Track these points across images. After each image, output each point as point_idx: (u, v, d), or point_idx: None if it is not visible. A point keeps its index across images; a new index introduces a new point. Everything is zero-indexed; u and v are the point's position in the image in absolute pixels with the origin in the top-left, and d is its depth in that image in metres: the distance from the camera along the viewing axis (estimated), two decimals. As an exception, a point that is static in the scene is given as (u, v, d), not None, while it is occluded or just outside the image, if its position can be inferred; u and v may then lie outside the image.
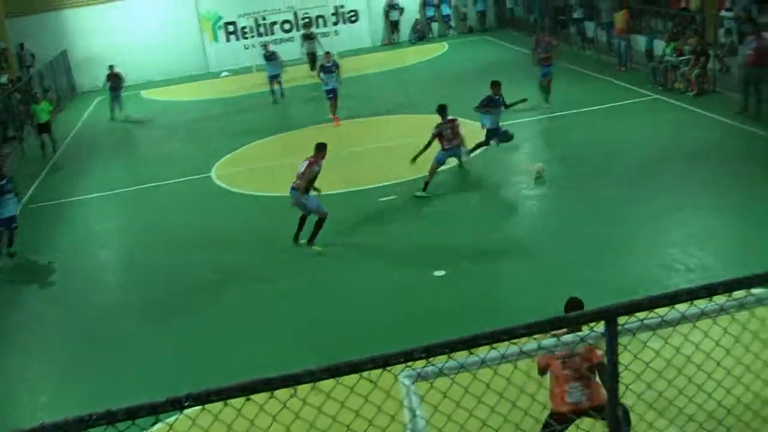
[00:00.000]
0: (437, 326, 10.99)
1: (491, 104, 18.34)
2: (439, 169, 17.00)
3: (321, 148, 14.91)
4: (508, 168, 18.40)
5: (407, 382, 4.25)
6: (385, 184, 17.88)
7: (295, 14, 36.98)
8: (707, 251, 12.96)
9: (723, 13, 24.34)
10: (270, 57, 28.08)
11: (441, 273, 13.18)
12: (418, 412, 4.22)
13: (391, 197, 17.06)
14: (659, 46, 25.11)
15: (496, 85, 18.53)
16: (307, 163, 14.67)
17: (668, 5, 27.46)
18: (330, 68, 24.07)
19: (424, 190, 16.77)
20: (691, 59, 22.67)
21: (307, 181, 14.49)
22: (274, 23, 37.04)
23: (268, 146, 23.08)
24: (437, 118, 17.28)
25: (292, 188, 14.68)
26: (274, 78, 27.98)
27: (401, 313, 11.95)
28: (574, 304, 7.35)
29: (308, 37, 32.65)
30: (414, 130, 21.80)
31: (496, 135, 18.48)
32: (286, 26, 37.21)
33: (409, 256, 14.17)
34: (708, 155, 17.53)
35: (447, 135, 17.16)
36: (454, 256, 13.85)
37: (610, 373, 3.63)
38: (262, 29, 36.94)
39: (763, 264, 3.65)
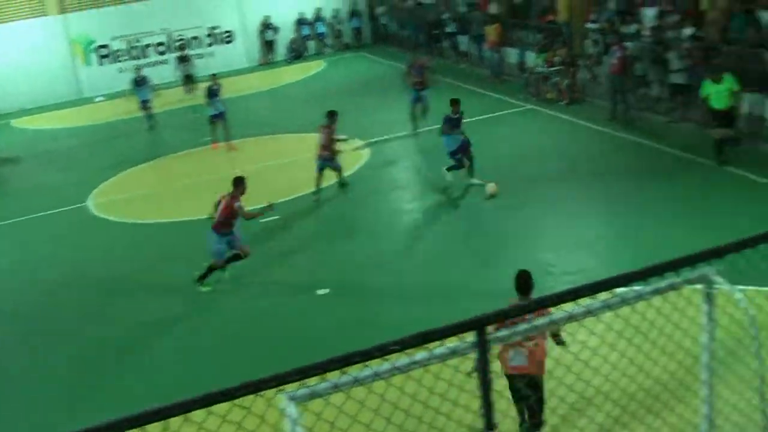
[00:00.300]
0: (319, 346, 10.98)
1: (452, 123, 17.26)
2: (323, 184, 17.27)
3: (238, 184, 13.66)
4: (385, 183, 18.56)
5: (284, 406, 4.20)
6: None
7: (169, 36, 36.40)
8: (582, 254, 13.37)
9: (589, 24, 25.22)
10: (140, 82, 27.18)
11: (324, 291, 13.19)
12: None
13: (273, 218, 16.93)
14: (531, 57, 25.82)
15: (455, 103, 17.61)
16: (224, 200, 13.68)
17: (537, 18, 28.26)
18: (217, 91, 23.10)
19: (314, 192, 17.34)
20: (561, 70, 23.40)
21: (222, 219, 13.58)
22: (148, 45, 36.32)
23: (145, 172, 22.60)
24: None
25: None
26: (145, 103, 27.21)
27: (284, 336, 11.91)
28: (524, 277, 8.44)
29: (183, 60, 31.86)
30: (291, 150, 21.83)
31: (463, 151, 17.18)
32: (161, 48, 36.54)
33: (292, 277, 14.13)
34: (582, 162, 18.11)
35: (320, 140, 17.28)
36: (336, 273, 13.89)
37: (483, 381, 3.69)
38: (135, 52, 36.19)
39: (631, 264, 3.79)
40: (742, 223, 13.04)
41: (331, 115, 17.49)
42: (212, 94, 23.11)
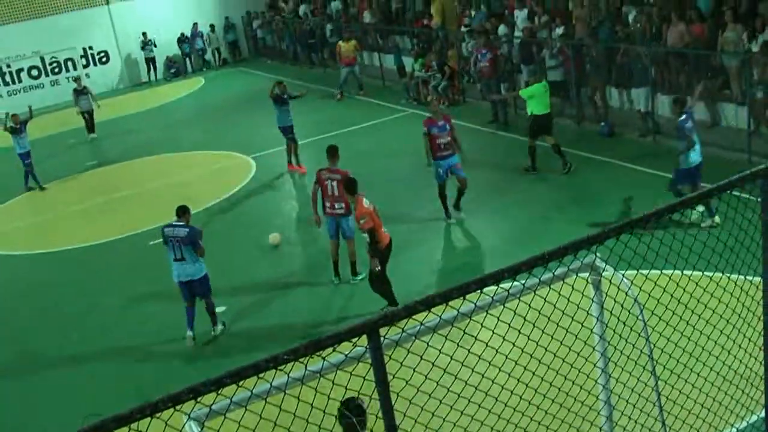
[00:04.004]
0: (220, 362, 10.88)
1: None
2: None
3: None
4: (280, 200, 18.48)
5: (184, 426, 4.15)
6: (155, 226, 17.38)
7: (42, 59, 35.25)
8: (473, 253, 13.60)
9: (463, 28, 25.70)
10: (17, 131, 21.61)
11: (221, 309, 13.03)
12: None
13: (158, 240, 16.63)
14: (409, 62, 26.09)
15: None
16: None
17: (412, 24, 28.62)
18: (287, 98, 19.40)
19: (353, 273, 13.50)
20: (438, 73, 23.74)
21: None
22: (20, 70, 35.03)
23: (27, 202, 21.71)
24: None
25: None
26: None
27: (182, 356, 11.72)
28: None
29: (80, 93, 26.69)
30: (175, 169, 21.50)
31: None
32: (34, 72, 35.36)
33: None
34: (470, 163, 18.38)
35: (330, 190, 13.13)
36: (232, 290, 13.73)
37: (380, 382, 3.71)
38: (8, 77, 34.89)
39: (521, 257, 3.89)
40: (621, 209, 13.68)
41: (332, 151, 13.56)
42: (281, 101, 19.36)
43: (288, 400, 3.79)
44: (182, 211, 12.04)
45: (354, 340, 3.44)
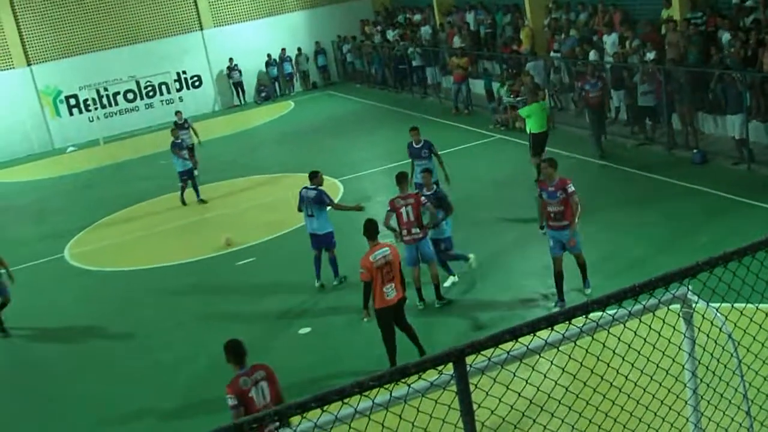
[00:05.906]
0: (304, 383, 10.94)
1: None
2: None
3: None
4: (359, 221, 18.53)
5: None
6: (242, 247, 17.69)
7: (138, 83, 36.33)
8: (564, 280, 13.38)
9: (552, 54, 25.51)
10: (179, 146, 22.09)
11: (306, 330, 13.14)
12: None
13: (250, 260, 16.91)
14: (497, 87, 25.98)
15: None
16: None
17: (501, 49, 28.53)
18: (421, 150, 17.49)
19: (438, 298, 13.33)
20: (527, 99, 23.58)
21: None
22: (117, 93, 36.19)
23: (122, 220, 22.31)
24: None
25: None
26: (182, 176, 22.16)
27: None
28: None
29: (181, 127, 24.19)
30: (263, 192, 21.84)
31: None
32: (130, 96, 36.47)
33: (273, 317, 14.04)
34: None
35: (405, 216, 13.09)
36: (317, 311, 13.84)
37: (465, 411, 3.67)
38: (105, 100, 36.07)
39: (610, 288, 3.82)
40: (714, 239, 13.35)
41: (401, 178, 13.66)
42: (416, 153, 17.73)
43: (372, 426, 3.79)
44: (313, 175, 14.43)
45: (440, 367, 3.42)
